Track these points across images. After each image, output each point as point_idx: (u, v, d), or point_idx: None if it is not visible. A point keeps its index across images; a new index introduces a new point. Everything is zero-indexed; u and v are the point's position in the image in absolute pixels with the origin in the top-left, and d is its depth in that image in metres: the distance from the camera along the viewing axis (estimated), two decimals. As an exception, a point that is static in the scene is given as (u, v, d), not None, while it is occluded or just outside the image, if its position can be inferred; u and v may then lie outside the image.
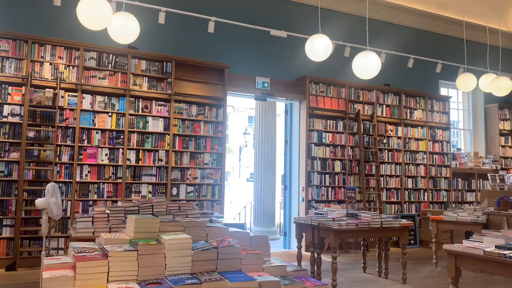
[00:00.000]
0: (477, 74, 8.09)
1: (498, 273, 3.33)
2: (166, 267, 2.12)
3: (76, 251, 2.16)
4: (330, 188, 8.13)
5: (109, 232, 3.42)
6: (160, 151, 6.79)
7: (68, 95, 6.29)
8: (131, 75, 6.69)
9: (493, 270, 3.27)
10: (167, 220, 2.45)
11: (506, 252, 3.07)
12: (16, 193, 5.83)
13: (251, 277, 2.13)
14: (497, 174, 8.95)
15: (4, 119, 5.92)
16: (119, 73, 6.62)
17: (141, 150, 6.68)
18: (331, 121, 8.28)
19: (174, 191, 6.83)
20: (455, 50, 9.49)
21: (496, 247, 3.23)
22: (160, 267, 2.11)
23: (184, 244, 2.17)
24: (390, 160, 8.85)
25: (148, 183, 6.68)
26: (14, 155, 5.92)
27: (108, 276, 2.01)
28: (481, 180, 9.89)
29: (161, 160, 6.79)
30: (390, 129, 8.95)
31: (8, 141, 5.91)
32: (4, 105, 5.94)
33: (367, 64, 6.04)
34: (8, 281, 4.93)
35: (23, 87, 6.03)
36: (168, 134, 6.86)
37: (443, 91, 10.44)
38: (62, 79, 6.22)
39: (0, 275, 5.36)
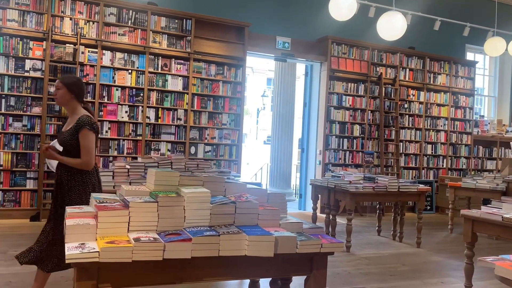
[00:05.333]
0: (507, 38, 7.78)
1: (515, 239, 3.32)
2: (185, 219, 2.15)
3: (98, 201, 2.21)
4: (347, 152, 8.10)
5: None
6: (179, 110, 6.81)
7: (89, 51, 6.29)
8: (151, 32, 6.63)
9: (510, 236, 3.26)
10: (186, 174, 2.48)
11: (525, 218, 3.05)
12: (38, 147, 5.97)
13: (268, 231, 2.16)
14: (520, 143, 8.75)
15: (26, 74, 5.98)
16: (139, 29, 6.56)
17: (160, 109, 6.70)
18: (352, 84, 8.14)
19: (193, 150, 6.89)
20: (485, 12, 9.10)
21: (515, 213, 3.21)
22: (180, 219, 2.14)
23: (203, 198, 2.19)
24: (410, 126, 8.72)
25: (167, 141, 6.75)
26: (36, 110, 6.01)
27: (129, 225, 2.06)
28: (503, 148, 9.70)
29: (180, 119, 6.82)
30: (412, 94, 8.76)
31: (30, 95, 5.99)
32: (26, 60, 5.99)
33: (392, 25, 5.87)
34: (33, 230, 5.12)
35: (44, 42, 6.05)
36: (187, 93, 6.85)
37: (470, 56, 10.11)
38: (82, 34, 6.21)
39: (25, 225, 5.58)
